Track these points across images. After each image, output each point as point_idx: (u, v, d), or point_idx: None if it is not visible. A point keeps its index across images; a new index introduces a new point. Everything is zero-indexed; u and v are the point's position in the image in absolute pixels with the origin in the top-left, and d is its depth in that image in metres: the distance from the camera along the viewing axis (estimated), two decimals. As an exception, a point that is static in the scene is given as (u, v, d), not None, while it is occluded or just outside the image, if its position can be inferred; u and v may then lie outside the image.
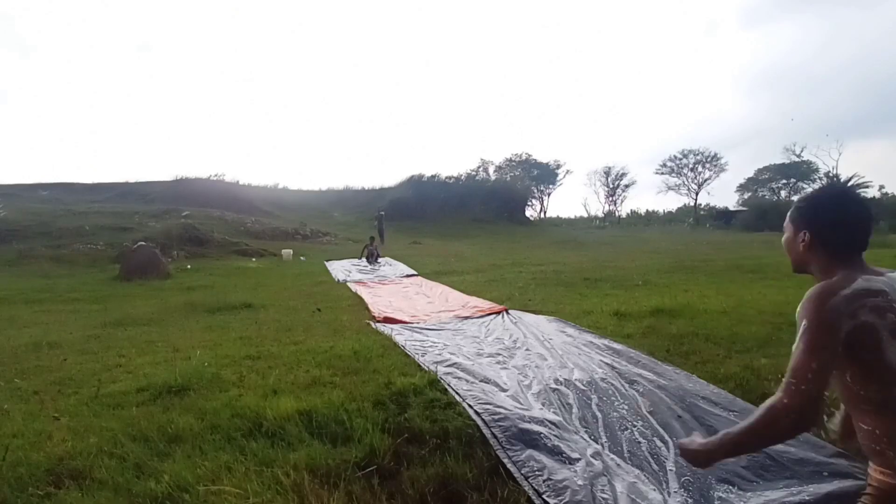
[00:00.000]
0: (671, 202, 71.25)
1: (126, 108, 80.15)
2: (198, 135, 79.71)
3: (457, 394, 3.06)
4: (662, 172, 48.59)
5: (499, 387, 3.29)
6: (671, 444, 2.62)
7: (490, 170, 45.04)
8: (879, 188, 36.34)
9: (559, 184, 47.90)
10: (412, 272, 11.78)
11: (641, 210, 52.11)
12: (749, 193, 48.20)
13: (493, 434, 2.55)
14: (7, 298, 9.29)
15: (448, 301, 7.49)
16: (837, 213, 1.25)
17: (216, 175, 32.83)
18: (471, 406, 2.85)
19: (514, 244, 22.29)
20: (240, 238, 19.88)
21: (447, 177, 37.99)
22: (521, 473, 2.26)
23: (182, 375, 3.52)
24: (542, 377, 3.54)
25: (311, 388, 3.32)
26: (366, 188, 38.05)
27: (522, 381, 3.45)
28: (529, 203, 44.67)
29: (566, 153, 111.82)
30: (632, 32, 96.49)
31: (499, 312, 6.07)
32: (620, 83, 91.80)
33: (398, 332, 5.00)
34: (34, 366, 4.37)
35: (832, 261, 1.24)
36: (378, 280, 10.76)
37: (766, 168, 47.57)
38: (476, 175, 42.14)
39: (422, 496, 2.15)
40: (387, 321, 5.81)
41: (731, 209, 42.51)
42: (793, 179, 45.59)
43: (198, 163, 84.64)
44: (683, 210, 49.18)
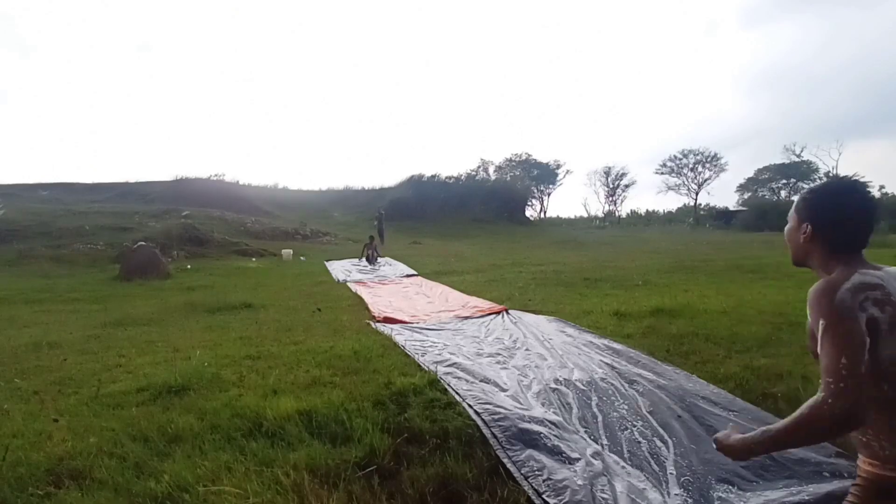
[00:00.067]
0: (671, 202, 71.34)
1: (126, 108, 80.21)
2: (198, 135, 79.76)
3: (457, 394, 3.06)
4: (662, 172, 48.63)
5: (499, 387, 3.30)
6: (671, 444, 2.62)
7: (490, 170, 45.07)
8: (879, 188, 36.39)
9: (559, 184, 47.92)
10: (412, 272, 11.78)
11: (641, 210, 52.13)
12: (749, 193, 48.20)
13: (493, 434, 2.56)
14: (7, 298, 9.29)
15: (448, 301, 7.49)
16: (841, 208, 1.24)
17: (216, 175, 32.91)
18: (471, 406, 2.85)
19: (514, 244, 22.29)
20: (240, 238, 19.88)
21: (447, 177, 38.02)
22: (521, 473, 2.26)
23: (182, 375, 3.53)
24: (542, 377, 3.54)
25: (311, 388, 3.32)
26: (366, 188, 38.07)
27: (522, 381, 3.45)
28: (529, 203, 44.69)
29: (566, 153, 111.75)
30: (632, 32, 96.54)
31: (499, 312, 6.07)
32: (620, 83, 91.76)
33: (398, 332, 5.00)
34: (34, 366, 4.37)
35: (832, 255, 1.24)
36: (378, 280, 10.76)
37: (766, 168, 47.59)
38: (476, 175, 42.12)
39: (422, 496, 2.15)
40: (387, 321, 5.81)
41: (731, 209, 42.48)
42: (793, 179, 45.57)
43: (198, 163, 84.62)
44: (683, 210, 49.17)
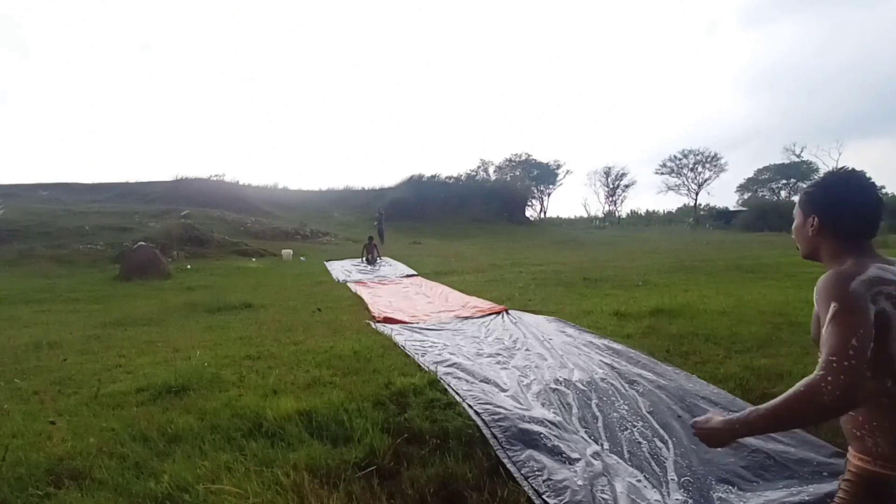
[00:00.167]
0: (671, 202, 71.35)
1: (126, 108, 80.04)
2: (198, 135, 79.60)
3: (457, 394, 3.06)
4: (662, 172, 48.62)
5: (499, 387, 3.30)
6: (671, 445, 2.62)
7: (490, 170, 45.01)
8: (880, 188, 36.40)
9: (559, 184, 47.88)
10: (412, 272, 11.77)
11: (641, 210, 52.10)
12: (749, 193, 48.20)
13: (493, 434, 2.56)
14: (7, 298, 9.29)
15: (448, 301, 7.49)
16: (845, 197, 1.24)
17: (216, 175, 32.82)
18: (471, 406, 2.85)
19: (514, 244, 22.29)
20: (240, 238, 19.87)
21: (447, 177, 37.97)
22: (521, 473, 2.26)
23: (182, 375, 3.53)
24: (542, 377, 3.54)
25: (311, 389, 3.32)
26: (366, 188, 38.02)
27: (522, 381, 3.45)
28: (529, 203, 44.63)
29: (566, 153, 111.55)
30: (632, 32, 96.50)
31: (499, 312, 6.07)
32: (620, 83, 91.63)
33: (398, 333, 5.00)
34: (34, 366, 4.38)
35: (842, 246, 1.23)
36: (378, 280, 10.76)
37: (766, 168, 47.59)
38: (476, 175, 42.09)
39: (422, 496, 2.15)
40: (387, 321, 5.81)
41: (731, 209, 42.45)
42: (793, 179, 45.55)
43: (198, 163, 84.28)
44: (683, 210, 49.16)
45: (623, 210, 51.48)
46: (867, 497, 1.17)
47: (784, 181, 46.43)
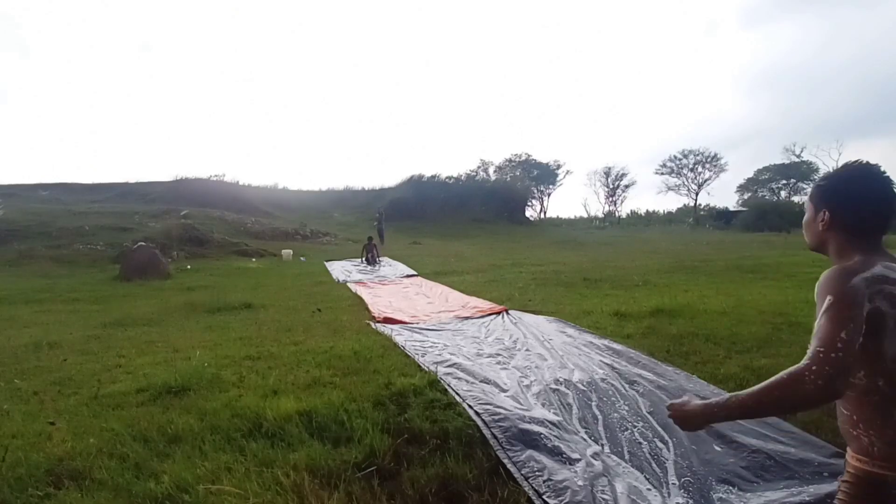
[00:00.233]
0: (671, 202, 71.29)
1: (126, 108, 79.91)
2: (198, 135, 79.47)
3: (457, 394, 3.06)
4: (662, 173, 48.60)
5: (499, 387, 3.30)
6: (671, 445, 2.62)
7: (490, 170, 44.95)
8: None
9: (559, 184, 47.82)
10: (412, 272, 11.77)
11: (641, 210, 52.04)
12: (749, 194, 48.17)
13: (494, 434, 2.56)
14: (7, 298, 9.29)
15: (448, 301, 7.49)
16: (859, 191, 1.20)
17: (216, 175, 32.80)
18: (471, 406, 2.85)
19: (514, 244, 22.29)
20: (240, 238, 19.86)
21: (447, 177, 37.94)
22: (522, 474, 2.26)
23: (182, 376, 3.53)
24: (542, 377, 3.54)
25: (311, 389, 3.32)
26: (366, 188, 37.98)
27: (522, 382, 3.45)
28: (529, 203, 44.59)
29: (566, 153, 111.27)
30: (632, 32, 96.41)
31: (499, 313, 6.07)
32: (620, 83, 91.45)
33: (398, 333, 5.00)
34: (34, 366, 4.37)
35: (851, 241, 1.21)
36: (378, 280, 10.76)
37: (766, 168, 47.55)
38: (476, 175, 42.04)
39: (422, 497, 2.15)
40: (387, 321, 5.81)
41: (731, 209, 42.43)
42: (793, 180, 45.56)
43: (198, 163, 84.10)
44: (683, 210, 49.13)
45: (623, 210, 51.50)
46: (866, 498, 1.16)
47: (784, 181, 46.41)
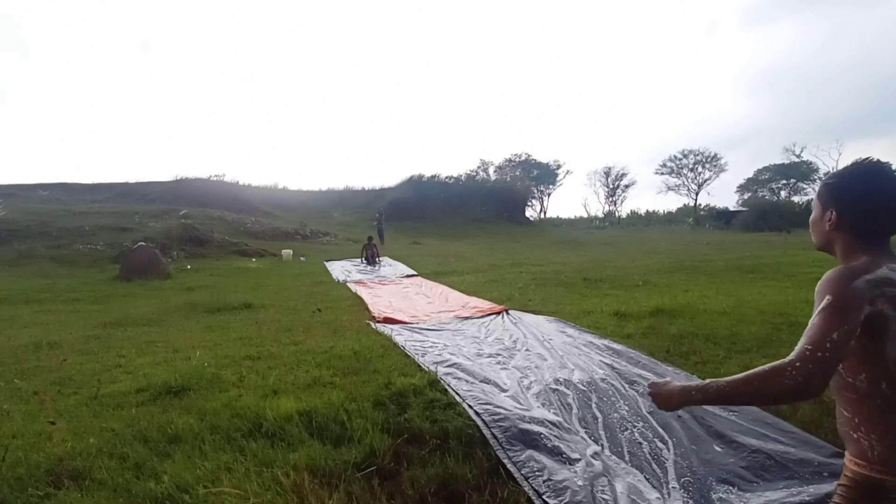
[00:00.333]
0: (671, 202, 71.38)
1: (126, 108, 79.96)
2: (198, 135, 79.51)
3: (457, 394, 3.06)
4: (662, 172, 48.62)
5: (499, 387, 3.30)
6: (671, 445, 2.62)
7: (490, 170, 44.96)
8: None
9: (559, 184, 47.85)
10: (412, 272, 11.77)
11: (641, 210, 52.07)
12: (749, 194, 48.18)
13: (493, 434, 2.56)
14: (7, 298, 9.28)
15: (448, 301, 7.49)
16: (867, 190, 1.17)
17: (216, 175, 32.81)
18: (471, 406, 2.85)
19: (514, 244, 22.28)
20: (240, 238, 19.86)
21: (447, 177, 37.94)
22: (521, 474, 2.26)
23: (182, 376, 3.53)
24: (542, 377, 3.54)
25: (311, 389, 3.32)
26: (366, 188, 37.99)
27: (522, 382, 3.45)
28: (529, 203, 44.60)
29: (566, 153, 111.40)
30: (632, 32, 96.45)
31: (499, 313, 6.07)
32: (620, 83, 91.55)
33: (398, 333, 5.00)
34: (34, 366, 4.37)
35: (858, 242, 1.19)
36: (378, 280, 10.76)
37: (766, 168, 47.57)
38: (476, 175, 42.04)
39: (422, 496, 2.15)
40: (387, 321, 5.81)
41: (731, 209, 42.42)
42: (793, 180, 45.59)
43: (198, 163, 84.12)
44: (683, 210, 49.14)
45: (623, 210, 51.53)
46: (863, 502, 1.16)
47: (784, 181, 46.43)
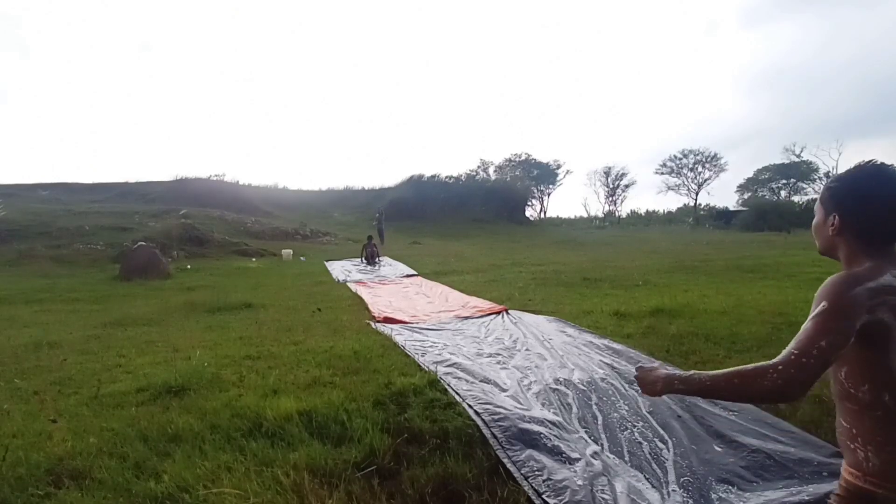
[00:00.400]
0: (671, 202, 71.38)
1: (126, 108, 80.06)
2: (198, 135, 79.57)
3: (457, 394, 3.06)
4: (662, 172, 48.65)
5: (499, 387, 3.30)
6: (671, 445, 2.62)
7: (490, 170, 44.96)
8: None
9: (559, 184, 47.86)
10: (412, 272, 11.77)
11: (641, 210, 52.09)
12: (749, 193, 48.19)
13: (493, 434, 2.56)
14: (7, 298, 9.28)
15: (448, 301, 7.49)
16: (871, 194, 1.15)
17: (216, 175, 32.81)
18: (471, 406, 2.85)
19: (514, 244, 22.28)
20: (240, 238, 19.87)
21: (447, 177, 37.93)
22: (521, 473, 2.26)
23: (182, 375, 3.53)
24: (542, 377, 3.54)
25: (311, 388, 3.32)
26: (366, 188, 37.99)
27: (522, 381, 3.45)
28: (529, 203, 44.60)
29: (566, 153, 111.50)
30: (632, 32, 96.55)
31: (499, 312, 6.07)
32: (620, 83, 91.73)
33: (398, 332, 5.00)
34: (34, 366, 4.37)
35: (862, 248, 1.16)
36: (378, 280, 10.76)
37: (766, 168, 47.59)
38: (476, 175, 42.03)
39: (422, 496, 2.15)
40: (387, 321, 5.81)
41: (731, 209, 42.43)
42: (793, 179, 45.62)
43: (198, 163, 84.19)
44: (683, 210, 49.15)
45: (623, 210, 51.55)
46: None
47: (784, 181, 46.45)
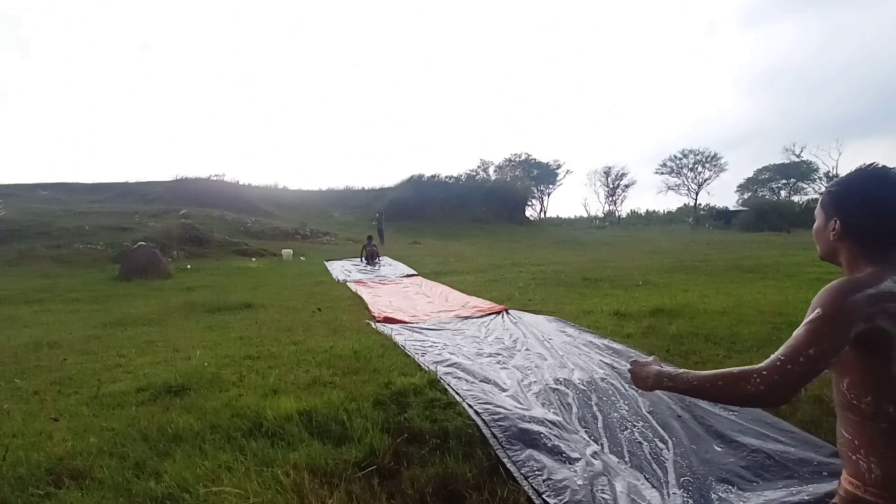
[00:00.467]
0: (671, 202, 71.43)
1: (126, 108, 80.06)
2: (198, 135, 79.56)
3: (457, 394, 3.06)
4: (662, 172, 48.70)
5: (499, 387, 3.30)
6: (671, 444, 2.62)
7: (490, 170, 44.98)
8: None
9: (559, 184, 47.89)
10: (412, 272, 11.77)
11: (641, 210, 52.11)
12: (749, 193, 48.20)
13: (493, 434, 2.56)
14: (7, 298, 9.28)
15: (448, 301, 7.49)
16: (872, 198, 1.12)
17: (216, 175, 32.79)
18: (471, 406, 2.85)
19: (514, 244, 22.28)
20: (240, 238, 19.87)
21: (447, 177, 37.92)
22: (521, 473, 2.26)
23: (182, 375, 3.53)
24: (542, 377, 3.54)
25: (311, 388, 3.32)
26: (366, 188, 37.98)
27: (522, 381, 3.45)
28: (529, 203, 44.62)
29: (566, 153, 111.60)
30: (632, 32, 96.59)
31: (499, 312, 6.07)
32: (620, 83, 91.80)
33: (398, 332, 5.00)
34: (34, 366, 4.37)
35: (864, 252, 1.12)
36: (378, 280, 10.76)
37: (766, 168, 47.62)
38: (476, 175, 42.03)
39: (421, 496, 2.15)
40: (387, 321, 5.81)
41: (731, 209, 42.44)
42: (792, 179, 45.65)
43: (198, 163, 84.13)
44: (683, 210, 49.16)
45: (623, 210, 51.57)
46: None
47: (784, 181, 46.47)
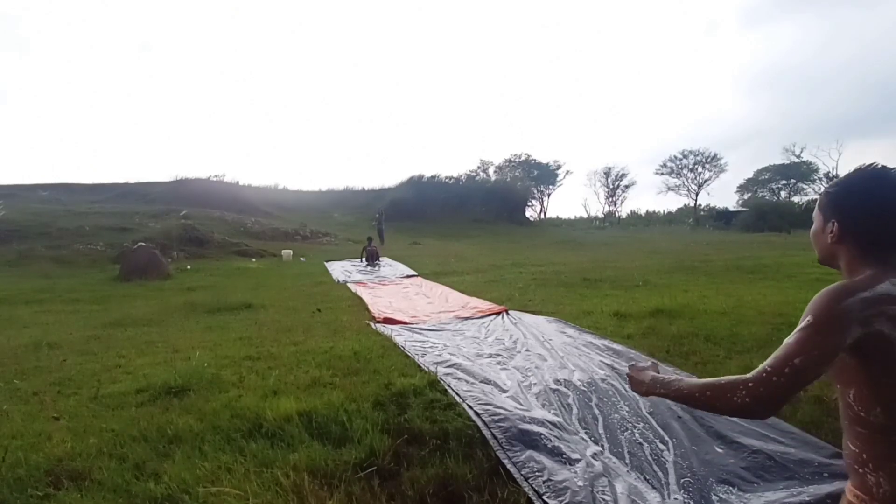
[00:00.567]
0: (671, 203, 71.62)
1: (126, 108, 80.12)
2: (198, 135, 79.60)
3: (457, 394, 3.06)
4: (662, 173, 48.79)
5: (499, 387, 3.29)
6: (671, 445, 2.62)
7: (490, 170, 45.03)
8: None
9: (559, 184, 47.95)
10: (412, 273, 11.77)
11: (641, 210, 52.23)
12: (749, 194, 48.24)
13: (493, 435, 2.55)
14: (7, 298, 9.28)
15: (448, 302, 7.49)
16: (871, 199, 1.10)
17: (216, 175, 32.78)
18: (471, 407, 2.85)
19: (514, 244, 22.28)
20: (240, 238, 19.86)
21: (447, 177, 37.94)
22: (521, 474, 2.26)
23: (182, 376, 3.53)
24: (543, 378, 3.54)
25: (311, 389, 3.32)
26: (366, 188, 38.01)
27: (522, 382, 3.45)
28: (529, 203, 44.66)
29: (566, 153, 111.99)
30: (632, 32, 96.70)
31: (499, 313, 6.07)
32: (620, 83, 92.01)
33: (398, 333, 5.00)
34: (34, 366, 4.37)
35: (862, 255, 1.11)
36: (378, 281, 10.75)
37: (766, 168, 47.66)
38: (476, 175, 42.07)
39: (422, 497, 2.15)
40: (387, 322, 5.81)
41: (731, 210, 42.52)
42: (793, 180, 45.68)
43: (198, 163, 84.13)
44: (683, 210, 49.24)
45: (623, 210, 51.68)
46: None
47: (784, 181, 46.50)
